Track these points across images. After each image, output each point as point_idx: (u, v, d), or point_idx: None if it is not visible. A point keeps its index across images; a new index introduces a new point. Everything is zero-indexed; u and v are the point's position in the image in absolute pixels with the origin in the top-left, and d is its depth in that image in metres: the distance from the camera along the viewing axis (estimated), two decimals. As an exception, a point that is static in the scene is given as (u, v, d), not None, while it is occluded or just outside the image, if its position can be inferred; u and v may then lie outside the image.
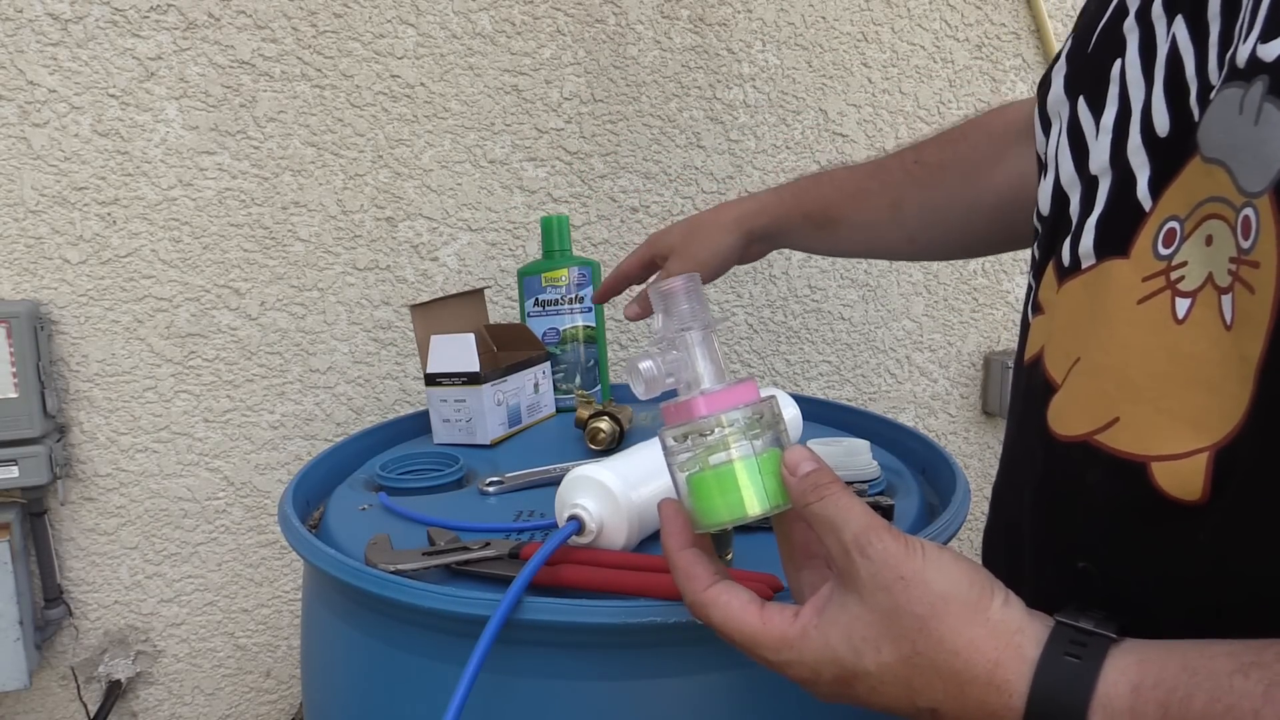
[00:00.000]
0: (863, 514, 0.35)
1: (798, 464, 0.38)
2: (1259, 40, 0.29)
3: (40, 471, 1.06)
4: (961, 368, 1.40)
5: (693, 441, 0.39)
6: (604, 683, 0.50)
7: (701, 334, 0.41)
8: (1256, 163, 0.28)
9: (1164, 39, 0.35)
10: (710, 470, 0.39)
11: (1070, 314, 0.39)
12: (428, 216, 1.19)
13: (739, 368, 1.33)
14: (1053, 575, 0.39)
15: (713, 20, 1.22)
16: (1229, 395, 0.30)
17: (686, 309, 0.41)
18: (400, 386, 1.22)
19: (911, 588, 0.33)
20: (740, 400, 0.39)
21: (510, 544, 0.57)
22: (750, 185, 1.28)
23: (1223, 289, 0.31)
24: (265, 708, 1.27)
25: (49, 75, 1.06)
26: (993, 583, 0.33)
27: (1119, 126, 0.37)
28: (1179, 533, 0.32)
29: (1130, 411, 0.34)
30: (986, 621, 0.32)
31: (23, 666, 1.10)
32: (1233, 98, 0.30)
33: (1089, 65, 0.40)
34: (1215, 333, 0.31)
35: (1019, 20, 1.31)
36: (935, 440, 0.81)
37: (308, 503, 0.74)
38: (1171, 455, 0.32)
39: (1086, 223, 0.38)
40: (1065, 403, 0.38)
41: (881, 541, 0.34)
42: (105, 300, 1.12)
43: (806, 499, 0.37)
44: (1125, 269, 0.35)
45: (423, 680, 0.53)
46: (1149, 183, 0.35)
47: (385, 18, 1.13)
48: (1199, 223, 0.32)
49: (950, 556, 0.34)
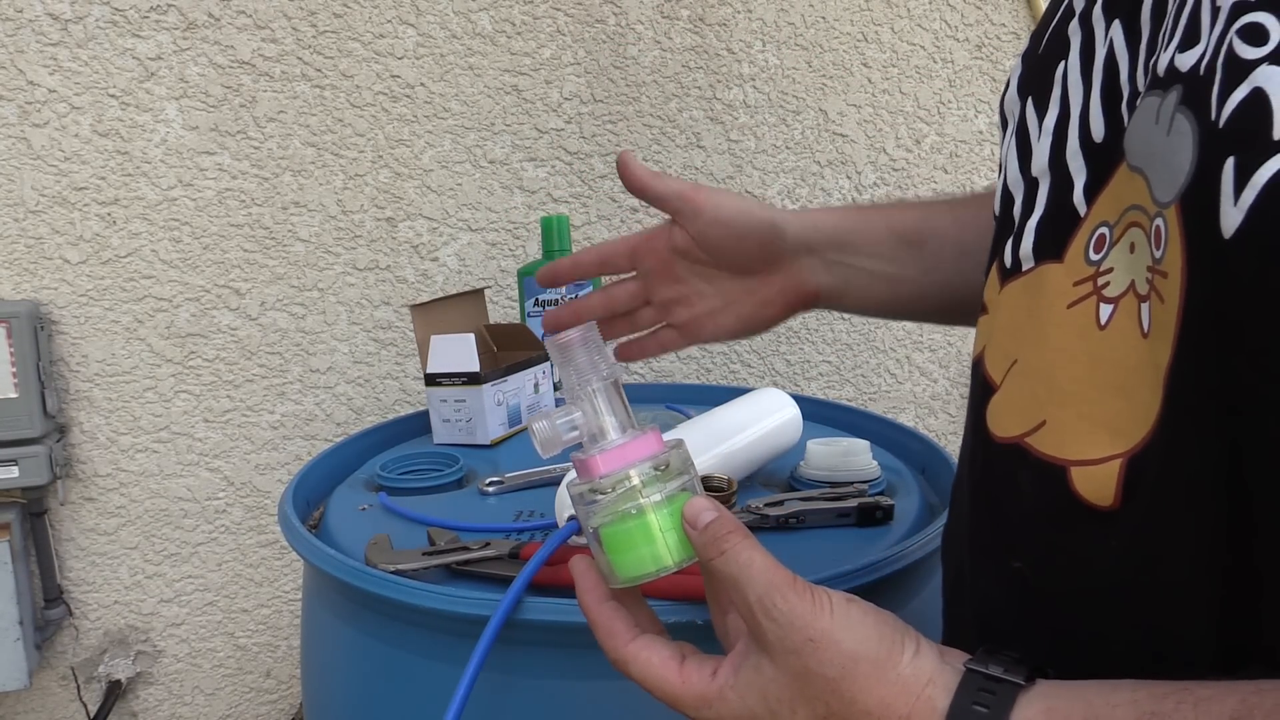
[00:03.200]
0: (764, 570, 0.34)
1: (697, 515, 0.37)
2: (1177, 49, 0.29)
3: (40, 471, 1.06)
4: (961, 368, 1.40)
5: (599, 496, 0.39)
6: (604, 682, 0.50)
7: (603, 384, 0.41)
8: (1168, 172, 0.28)
9: (1102, 42, 0.35)
10: (619, 524, 0.38)
11: (1010, 315, 0.39)
12: (428, 216, 1.19)
13: (738, 368, 1.33)
14: (991, 574, 0.39)
15: (713, 20, 1.22)
16: (1142, 403, 0.30)
17: (585, 361, 0.41)
18: (400, 386, 1.22)
19: (820, 649, 0.32)
20: (643, 453, 0.39)
21: (510, 544, 0.57)
22: (750, 185, 1.28)
23: (1142, 297, 0.31)
24: (265, 708, 1.27)
25: (49, 75, 1.06)
26: (903, 634, 0.33)
27: (1059, 129, 0.37)
28: (1095, 538, 0.32)
29: (1055, 415, 0.34)
30: (898, 678, 0.32)
31: (23, 666, 1.10)
32: (1151, 106, 0.30)
33: (1038, 67, 0.40)
34: (1134, 340, 0.31)
35: (1019, 20, 1.31)
36: (935, 440, 0.81)
37: (308, 503, 0.74)
38: (1088, 460, 0.32)
39: (1027, 225, 0.38)
40: (1001, 404, 0.38)
41: (786, 602, 0.33)
42: (105, 300, 1.12)
43: (707, 553, 0.36)
44: (1059, 273, 0.36)
45: (423, 680, 0.53)
46: (1084, 188, 0.35)
47: (385, 18, 1.13)
48: (1125, 229, 0.32)
49: (859, 611, 0.34)
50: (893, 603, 0.38)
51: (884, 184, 1.32)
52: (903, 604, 0.57)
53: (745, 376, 1.33)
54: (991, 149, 1.35)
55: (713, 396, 0.98)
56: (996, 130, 1.34)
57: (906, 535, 0.61)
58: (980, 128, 1.34)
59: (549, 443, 0.41)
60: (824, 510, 0.63)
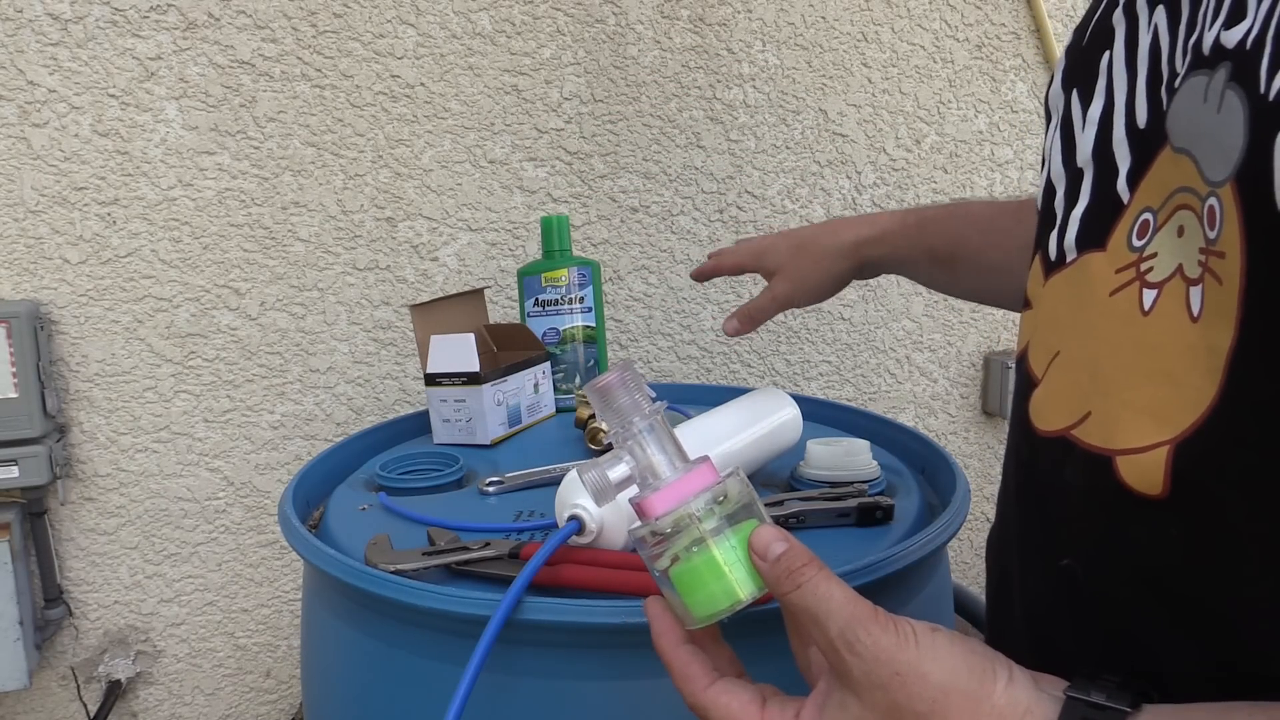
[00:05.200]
0: (844, 603, 0.33)
1: (767, 547, 0.35)
2: (1222, 27, 0.28)
3: (40, 471, 1.06)
4: (961, 368, 1.40)
5: (660, 537, 0.37)
6: (604, 683, 0.50)
7: (647, 422, 0.40)
8: (1219, 151, 0.28)
9: (1146, 30, 0.35)
10: (685, 563, 0.37)
11: (1053, 308, 0.38)
12: (428, 216, 1.19)
13: (738, 368, 1.33)
14: (1038, 573, 0.38)
15: (713, 20, 1.22)
16: (1192, 388, 0.29)
17: (627, 402, 0.40)
18: (400, 386, 1.22)
19: (909, 684, 0.31)
20: (698, 486, 0.38)
21: (510, 544, 0.57)
22: (750, 185, 1.28)
23: (1192, 280, 0.30)
24: (265, 708, 1.27)
25: (49, 75, 1.06)
26: (994, 662, 0.32)
27: (1104, 119, 0.37)
28: (1145, 528, 0.32)
29: (1099, 405, 0.34)
30: (992, 709, 0.30)
31: (23, 666, 1.10)
32: (1198, 85, 0.29)
33: (1083, 59, 0.40)
34: (1180, 324, 0.30)
35: (1019, 20, 1.31)
36: (935, 440, 0.81)
37: (308, 503, 0.74)
38: (1134, 449, 0.32)
39: (1071, 216, 0.38)
40: (1044, 397, 0.38)
41: (870, 635, 0.32)
42: (105, 300, 1.12)
43: (781, 588, 0.34)
44: (1102, 261, 0.35)
45: (423, 680, 0.53)
46: (1128, 175, 0.35)
47: (385, 18, 1.13)
48: (1171, 213, 0.32)
49: (945, 640, 0.32)
50: (893, 603, 0.38)
51: (884, 184, 1.32)
52: (903, 604, 0.57)
53: (745, 376, 1.33)
54: (991, 149, 1.35)
55: (713, 396, 0.98)
56: (996, 130, 1.34)
57: (906, 535, 0.61)
58: (980, 128, 1.34)
59: (602, 492, 0.39)
60: (824, 510, 0.63)
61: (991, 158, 1.35)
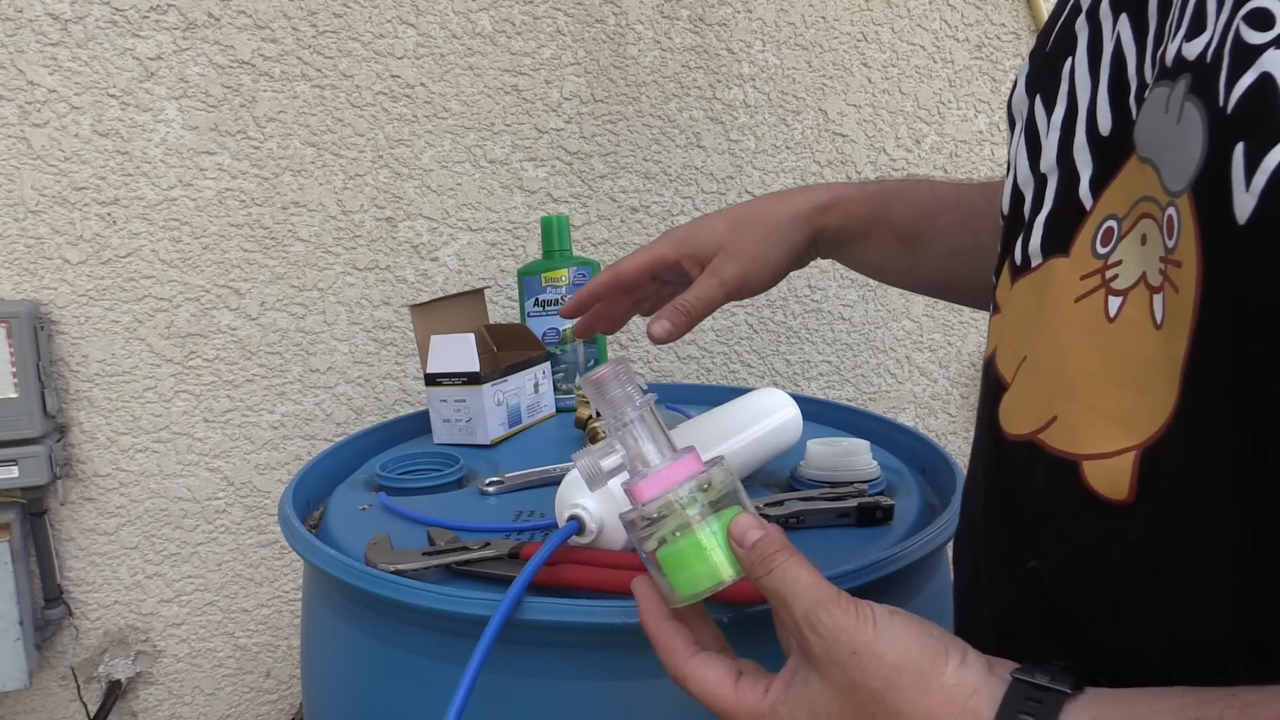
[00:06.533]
0: (810, 587, 0.35)
1: (744, 533, 0.38)
2: (1184, 38, 0.29)
3: (40, 471, 1.06)
4: (961, 368, 1.40)
5: (648, 520, 0.40)
6: (604, 683, 0.50)
7: (638, 413, 0.43)
8: (1179, 161, 0.29)
9: (1109, 37, 0.35)
10: (671, 545, 0.39)
11: (1019, 313, 0.39)
12: (428, 216, 1.19)
13: (738, 368, 1.33)
14: (1005, 574, 0.39)
15: (713, 20, 1.22)
16: (1156, 394, 0.30)
17: (619, 394, 0.43)
18: (400, 386, 1.22)
19: (865, 662, 0.33)
20: (684, 474, 0.41)
21: (510, 544, 0.57)
22: (750, 185, 1.28)
23: (1154, 288, 0.31)
24: (265, 708, 1.27)
25: (49, 75, 1.06)
26: (948, 644, 0.34)
27: (1066, 125, 0.37)
28: (1110, 532, 0.32)
29: (1065, 410, 0.34)
30: (942, 689, 0.32)
31: (23, 666, 1.10)
32: (1160, 96, 0.30)
33: (1045, 63, 0.40)
34: (1145, 331, 0.31)
35: (1019, 20, 1.31)
36: (935, 440, 0.81)
37: (308, 503, 0.74)
38: (1101, 454, 0.32)
39: (1036, 221, 0.38)
40: (1013, 401, 0.38)
41: (831, 616, 0.34)
42: (105, 300, 1.12)
43: (755, 572, 0.37)
44: (1066, 267, 0.36)
45: (423, 680, 0.53)
46: (1090, 181, 0.35)
47: (385, 18, 1.13)
48: (1135, 221, 0.32)
49: (902, 622, 0.34)
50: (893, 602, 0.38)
51: (884, 184, 1.32)
52: (902, 604, 0.56)
53: (745, 376, 1.33)
54: (991, 149, 1.35)
55: (713, 396, 0.98)
56: (996, 130, 1.34)
57: (906, 535, 0.61)
58: (980, 128, 1.34)
59: (594, 477, 0.42)
60: (824, 510, 0.63)
61: (991, 158, 1.35)
